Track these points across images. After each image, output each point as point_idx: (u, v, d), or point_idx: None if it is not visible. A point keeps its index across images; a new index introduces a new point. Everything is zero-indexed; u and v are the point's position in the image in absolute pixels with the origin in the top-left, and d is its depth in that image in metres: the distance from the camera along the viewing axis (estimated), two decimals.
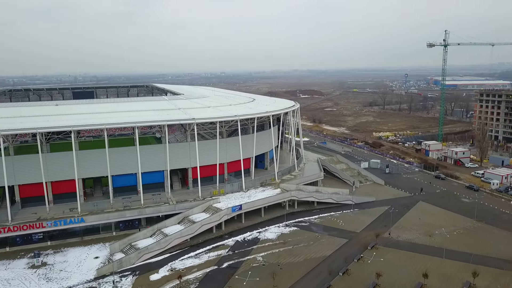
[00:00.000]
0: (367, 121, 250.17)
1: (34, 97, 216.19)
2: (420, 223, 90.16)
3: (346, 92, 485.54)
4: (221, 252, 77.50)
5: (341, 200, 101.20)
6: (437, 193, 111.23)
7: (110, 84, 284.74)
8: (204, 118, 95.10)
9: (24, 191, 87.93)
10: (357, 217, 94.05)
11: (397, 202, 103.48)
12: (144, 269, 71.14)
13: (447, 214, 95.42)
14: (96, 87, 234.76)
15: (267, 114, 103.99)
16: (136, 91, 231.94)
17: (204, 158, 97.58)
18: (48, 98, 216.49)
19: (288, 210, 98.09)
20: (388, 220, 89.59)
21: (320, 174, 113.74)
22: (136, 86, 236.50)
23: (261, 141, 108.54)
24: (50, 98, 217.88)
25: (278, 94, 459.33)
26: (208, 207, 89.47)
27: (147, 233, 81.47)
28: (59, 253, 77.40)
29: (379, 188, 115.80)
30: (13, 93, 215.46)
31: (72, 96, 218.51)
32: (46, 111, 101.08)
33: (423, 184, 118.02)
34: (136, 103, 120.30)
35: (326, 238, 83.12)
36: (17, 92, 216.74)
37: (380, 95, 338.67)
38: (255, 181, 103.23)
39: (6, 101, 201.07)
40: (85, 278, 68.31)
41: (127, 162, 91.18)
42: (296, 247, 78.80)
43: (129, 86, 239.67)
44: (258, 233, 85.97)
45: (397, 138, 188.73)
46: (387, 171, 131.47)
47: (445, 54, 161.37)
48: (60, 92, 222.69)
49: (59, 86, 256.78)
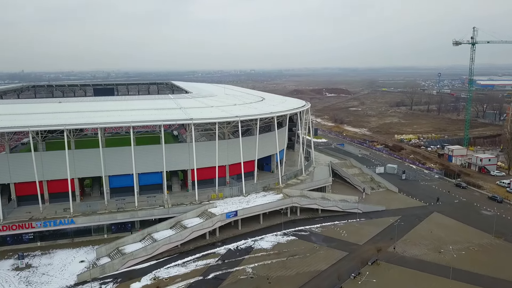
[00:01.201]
0: (391, 122, 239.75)
1: (57, 93, 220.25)
2: (431, 237, 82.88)
3: (375, 91, 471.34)
4: (210, 261, 73.48)
5: (347, 208, 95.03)
6: (455, 204, 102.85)
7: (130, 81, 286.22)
8: (203, 119, 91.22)
9: (20, 189, 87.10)
10: (362, 228, 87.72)
11: (409, 212, 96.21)
12: (126, 277, 68.07)
13: (462, 228, 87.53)
14: (117, 83, 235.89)
15: (271, 115, 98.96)
16: (157, 88, 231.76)
17: (203, 159, 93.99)
18: (71, 94, 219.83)
19: (290, 217, 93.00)
20: (397, 232, 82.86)
21: (328, 179, 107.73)
22: (155, 84, 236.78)
23: (266, 143, 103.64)
24: (73, 94, 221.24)
25: (304, 92, 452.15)
26: (203, 212, 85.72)
27: (137, 238, 78.56)
28: (46, 255, 75.67)
29: (391, 196, 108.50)
30: (36, 88, 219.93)
31: (93, 92, 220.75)
32: (45, 109, 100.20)
33: (440, 193, 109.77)
34: (139, 101, 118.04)
35: (325, 250, 77.50)
36: (40, 88, 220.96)
37: (407, 95, 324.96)
38: (257, 185, 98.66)
39: (31, 97, 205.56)
40: (65, 283, 65.97)
41: (124, 162, 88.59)
42: (290, 259, 73.71)
43: (149, 83, 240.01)
44: (253, 241, 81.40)
45: (420, 141, 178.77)
46: (403, 177, 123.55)
47: (472, 52, 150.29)
48: (82, 89, 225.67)
49: (81, 82, 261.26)
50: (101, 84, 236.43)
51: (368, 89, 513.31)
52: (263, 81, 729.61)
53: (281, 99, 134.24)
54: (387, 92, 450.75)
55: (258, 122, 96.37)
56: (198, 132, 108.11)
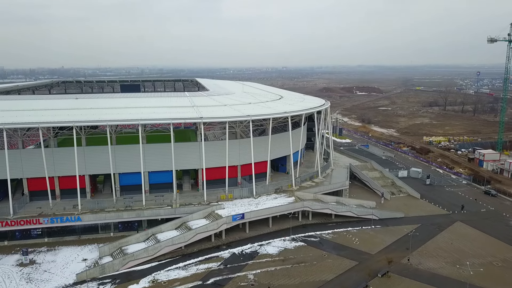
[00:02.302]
0: (421, 123, 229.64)
1: (86, 88, 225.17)
2: (451, 248, 77.15)
3: (408, 90, 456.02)
4: (212, 265, 71.20)
5: (362, 214, 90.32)
6: (481, 213, 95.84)
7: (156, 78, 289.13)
8: (213, 118, 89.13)
9: (32, 184, 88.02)
10: (377, 236, 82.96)
11: (430, 221, 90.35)
12: (125, 278, 66.91)
13: (487, 240, 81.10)
14: (143, 80, 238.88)
15: (285, 114, 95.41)
16: (182, 85, 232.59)
17: (213, 159, 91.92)
18: (99, 90, 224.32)
19: (301, 221, 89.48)
20: (414, 241, 77.85)
21: (345, 183, 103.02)
22: (180, 80, 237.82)
23: (280, 144, 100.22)
24: (101, 90, 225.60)
25: (333, 90, 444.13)
26: (210, 213, 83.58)
27: (140, 238, 77.38)
28: (51, 252, 75.80)
29: (412, 202, 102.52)
30: (66, 84, 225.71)
31: (120, 88, 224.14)
32: (60, 105, 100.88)
33: (466, 201, 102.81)
34: (154, 99, 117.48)
35: (333, 258, 73.52)
36: (70, 83, 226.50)
37: (441, 94, 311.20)
38: (269, 186, 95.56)
39: (61, 92, 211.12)
40: (64, 282, 65.53)
41: (133, 160, 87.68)
42: (295, 267, 70.31)
43: (174, 80, 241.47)
44: (260, 246, 78.49)
45: (450, 144, 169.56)
46: (427, 182, 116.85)
47: (509, 50, 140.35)
48: (109, 85, 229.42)
49: (108, 79, 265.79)
50: (128, 80, 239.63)
51: (402, 87, 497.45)
52: (293, 79, 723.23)
53: (300, 98, 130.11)
54: (421, 91, 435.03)
55: (270, 122, 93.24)
56: (219, 131, 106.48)
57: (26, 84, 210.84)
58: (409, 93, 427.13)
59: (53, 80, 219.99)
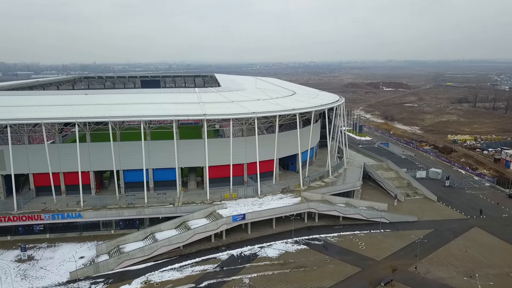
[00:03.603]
0: (448, 120, 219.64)
1: (108, 84, 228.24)
2: (464, 257, 71.95)
3: (438, 86, 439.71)
4: (208, 267, 69.09)
5: (371, 217, 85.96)
6: (502, 219, 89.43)
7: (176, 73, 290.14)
8: (217, 114, 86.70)
9: (38, 180, 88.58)
10: (385, 240, 78.58)
11: (445, 226, 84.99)
12: (119, 278, 65.81)
13: (505, 249, 75.27)
14: (163, 75, 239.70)
15: (293, 111, 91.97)
16: (202, 81, 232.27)
17: (217, 157, 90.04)
18: (120, 86, 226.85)
19: (306, 223, 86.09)
20: (424, 248, 73.29)
21: (356, 184, 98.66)
22: (200, 76, 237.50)
23: (289, 142, 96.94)
24: (123, 85, 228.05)
25: (359, 85, 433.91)
26: (211, 212, 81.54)
27: (139, 236, 76.24)
28: (50, 248, 75.82)
29: (428, 205, 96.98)
30: (89, 80, 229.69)
31: (140, 84, 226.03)
32: (67, 101, 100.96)
33: (487, 205, 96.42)
34: (161, 95, 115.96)
35: (336, 263, 69.91)
36: (92, 79, 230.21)
37: (471, 90, 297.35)
38: (275, 186, 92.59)
39: (84, 88, 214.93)
40: (58, 280, 65.10)
41: (138, 157, 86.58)
42: (294, 272, 67.22)
43: (194, 76, 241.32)
44: (260, 248, 75.79)
45: (476, 143, 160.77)
46: (446, 184, 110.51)
47: None
48: (131, 80, 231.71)
49: (129, 74, 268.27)
50: (148, 76, 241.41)
51: (431, 83, 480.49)
52: (319, 74, 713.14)
53: (314, 94, 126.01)
54: (451, 87, 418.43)
55: (277, 119, 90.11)
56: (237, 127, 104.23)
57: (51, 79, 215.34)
58: (438, 89, 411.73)
59: (76, 77, 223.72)
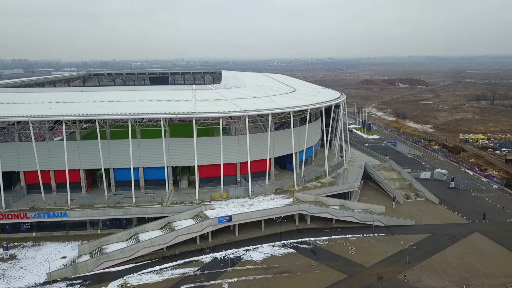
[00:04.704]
0: (462, 118, 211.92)
1: (118, 80, 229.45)
2: (460, 265, 67.83)
3: (457, 83, 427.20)
4: (189, 270, 67.07)
5: (366, 220, 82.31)
6: (507, 224, 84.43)
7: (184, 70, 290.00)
8: (206, 112, 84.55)
9: (29, 177, 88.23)
10: (377, 245, 74.99)
11: (443, 230, 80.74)
12: (96, 280, 64.44)
13: (506, 257, 70.69)
14: (171, 72, 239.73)
15: (287, 109, 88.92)
16: (211, 77, 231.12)
17: (208, 156, 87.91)
18: (131, 83, 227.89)
19: (298, 225, 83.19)
20: (418, 254, 69.61)
21: (353, 185, 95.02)
22: (209, 73, 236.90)
23: (284, 141, 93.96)
24: (133, 82, 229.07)
25: (375, 82, 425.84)
26: (198, 213, 79.47)
27: (123, 237, 74.78)
28: (34, 247, 75.11)
29: (429, 208, 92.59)
30: (99, 76, 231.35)
31: (149, 81, 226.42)
32: (58, 98, 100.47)
33: (492, 208, 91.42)
34: (156, 92, 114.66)
35: (322, 269, 66.88)
36: (101, 75, 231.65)
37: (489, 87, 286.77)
38: (268, 186, 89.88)
39: (95, 85, 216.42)
40: (35, 281, 64.12)
41: (127, 155, 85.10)
42: (276, 277, 64.55)
43: (202, 72, 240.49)
44: (245, 251, 73.30)
45: (489, 142, 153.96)
46: (451, 186, 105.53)
47: None
48: (140, 77, 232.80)
49: (138, 71, 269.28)
50: (157, 73, 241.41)
51: (451, 80, 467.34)
52: (336, 70, 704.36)
53: (315, 91, 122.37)
54: (471, 84, 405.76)
55: (270, 117, 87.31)
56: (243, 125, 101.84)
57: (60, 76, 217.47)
58: (457, 85, 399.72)
59: (85, 73, 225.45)
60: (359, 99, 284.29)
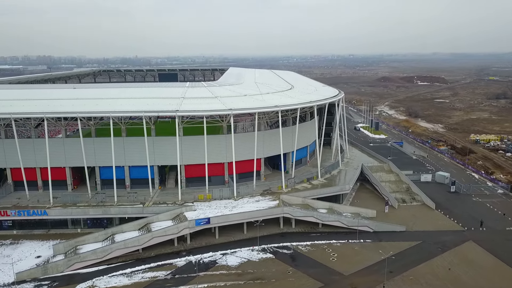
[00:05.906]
0: (478, 118, 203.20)
1: (128, 77, 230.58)
2: (446, 276, 63.58)
3: (479, 80, 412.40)
4: (160, 273, 65.14)
5: (353, 224, 78.54)
6: (505, 232, 79.14)
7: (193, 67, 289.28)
8: (190, 111, 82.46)
9: (16, 174, 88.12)
10: (361, 252, 71.31)
11: (435, 238, 76.28)
12: (65, 281, 63.28)
13: (498, 269, 65.89)
14: (180, 69, 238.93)
15: (275, 108, 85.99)
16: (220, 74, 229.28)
17: (193, 155, 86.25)
18: (140, 79, 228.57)
19: (282, 229, 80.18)
20: (403, 263, 65.77)
21: (344, 187, 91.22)
22: (217, 69, 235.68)
23: (275, 140, 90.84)
24: (143, 79, 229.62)
25: (392, 80, 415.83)
26: (178, 215, 77.49)
27: (99, 237, 73.42)
28: (13, 245, 74.73)
29: (424, 213, 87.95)
30: (109, 73, 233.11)
31: (158, 77, 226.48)
32: (49, 95, 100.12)
33: (491, 215, 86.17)
34: (147, 89, 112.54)
35: (297, 277, 63.84)
36: (111, 72, 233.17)
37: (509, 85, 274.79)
38: (254, 187, 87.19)
39: (105, 81, 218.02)
40: (4, 280, 63.42)
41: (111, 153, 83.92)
42: (248, 284, 61.94)
43: (211, 69, 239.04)
44: (222, 255, 70.87)
45: (502, 143, 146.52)
46: (452, 190, 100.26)
47: None
48: (149, 74, 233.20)
49: (147, 68, 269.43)
50: (165, 69, 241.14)
51: (473, 77, 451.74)
52: (355, 67, 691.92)
53: (313, 89, 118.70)
54: (493, 82, 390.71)
55: (256, 116, 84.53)
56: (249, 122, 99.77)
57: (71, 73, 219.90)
58: (479, 83, 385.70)
59: (95, 70, 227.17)
60: (373, 97, 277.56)
